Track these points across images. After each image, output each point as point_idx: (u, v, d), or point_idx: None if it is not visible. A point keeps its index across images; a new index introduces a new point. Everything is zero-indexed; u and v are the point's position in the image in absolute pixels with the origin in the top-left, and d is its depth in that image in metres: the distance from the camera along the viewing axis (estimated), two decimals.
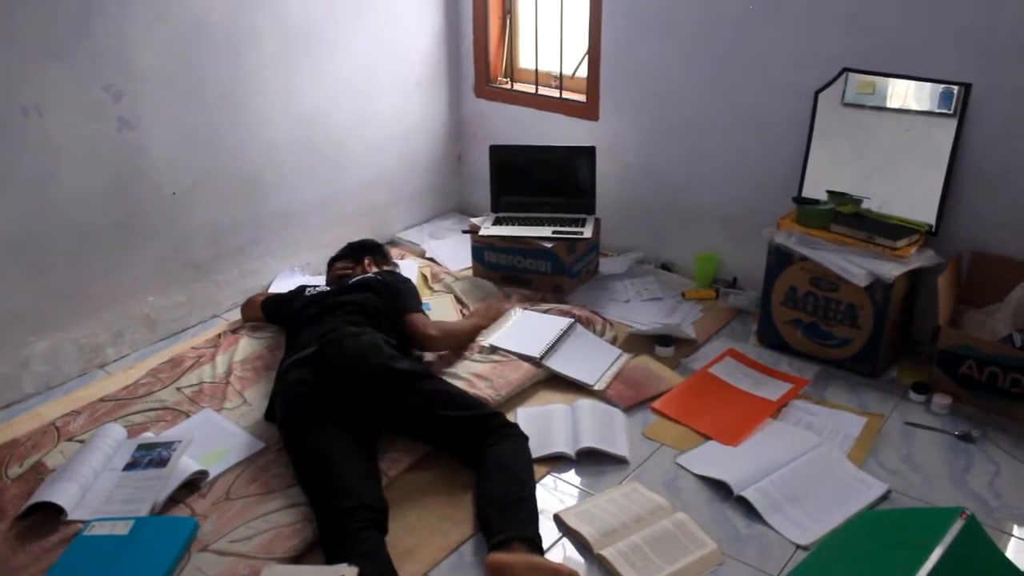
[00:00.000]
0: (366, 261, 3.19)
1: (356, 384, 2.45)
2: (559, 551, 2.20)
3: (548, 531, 2.24)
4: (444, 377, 2.73)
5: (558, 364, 2.90)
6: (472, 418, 2.44)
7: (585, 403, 2.73)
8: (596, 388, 2.82)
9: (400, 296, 2.91)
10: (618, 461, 2.51)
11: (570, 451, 2.52)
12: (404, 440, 2.52)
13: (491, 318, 3.14)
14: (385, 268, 3.23)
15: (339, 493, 2.16)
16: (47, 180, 2.79)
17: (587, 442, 2.53)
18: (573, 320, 3.10)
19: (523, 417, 2.66)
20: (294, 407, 2.43)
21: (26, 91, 2.67)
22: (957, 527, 1.73)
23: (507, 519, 2.15)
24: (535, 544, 2.11)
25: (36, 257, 2.82)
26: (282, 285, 3.47)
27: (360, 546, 2.04)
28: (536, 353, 2.90)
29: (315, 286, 3.03)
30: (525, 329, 3.07)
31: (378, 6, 3.67)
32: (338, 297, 2.81)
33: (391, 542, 2.14)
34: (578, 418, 2.64)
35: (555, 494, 2.40)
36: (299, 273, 3.63)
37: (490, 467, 2.31)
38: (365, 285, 2.89)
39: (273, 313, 3.12)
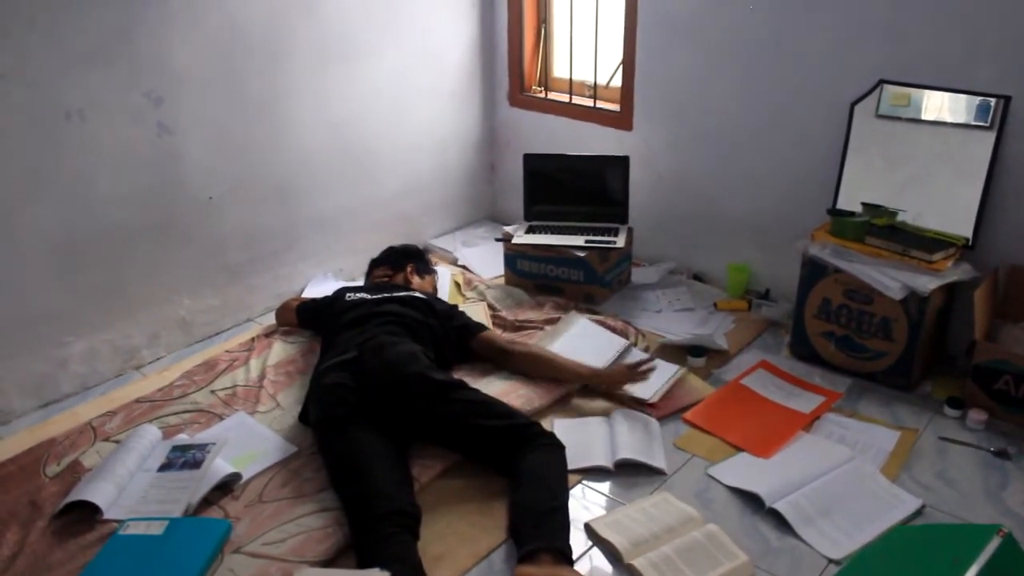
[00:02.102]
0: (408, 268, 3.21)
1: (394, 391, 2.46)
2: (588, 561, 2.20)
3: (578, 540, 2.24)
4: (477, 387, 2.73)
5: None
6: (510, 427, 2.44)
7: (621, 414, 2.72)
8: (651, 401, 2.80)
9: (460, 316, 2.99)
10: (651, 471, 2.50)
11: (608, 463, 2.51)
12: (436, 447, 2.53)
13: (600, 376, 2.86)
14: (426, 277, 3.26)
15: (374, 498, 2.17)
16: (88, 183, 2.83)
17: (625, 454, 2.52)
18: (629, 343, 3.09)
19: (560, 429, 2.65)
20: (332, 408, 2.44)
21: (70, 96, 2.72)
22: (994, 545, 1.71)
23: (538, 529, 2.15)
24: (565, 555, 2.10)
25: (75, 258, 2.87)
26: (315, 290, 3.50)
27: (393, 551, 2.05)
28: None
29: (356, 288, 3.05)
30: (584, 343, 3.06)
31: (414, 15, 3.70)
32: (378, 307, 2.82)
33: (421, 548, 2.14)
34: (615, 430, 2.63)
35: (585, 503, 2.40)
36: (332, 278, 3.66)
37: (524, 476, 2.31)
38: (406, 300, 2.89)
39: (309, 317, 3.15)
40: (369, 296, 2.92)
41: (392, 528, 2.10)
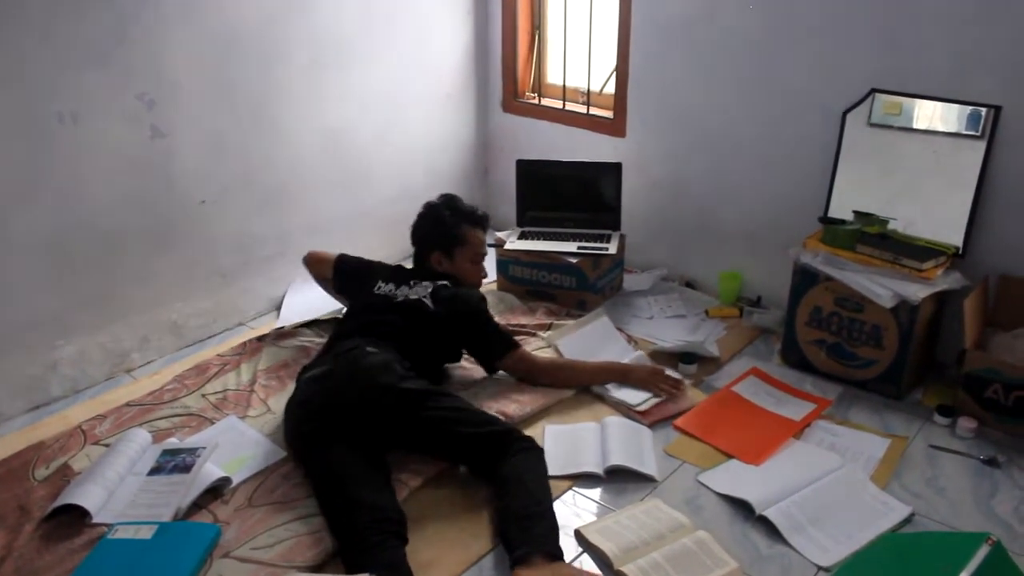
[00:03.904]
0: (433, 258, 3.04)
1: (364, 402, 2.43)
2: (579, 567, 2.19)
3: (568, 546, 2.23)
4: (469, 393, 2.72)
5: (611, 386, 2.90)
6: (486, 435, 2.43)
7: (613, 420, 2.72)
8: (639, 409, 2.79)
9: (485, 337, 2.87)
10: (641, 478, 2.50)
11: (599, 470, 2.51)
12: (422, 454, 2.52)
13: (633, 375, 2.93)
14: (456, 254, 3.05)
15: (358, 509, 2.15)
16: (80, 186, 2.83)
17: (616, 460, 2.52)
18: (640, 354, 3.10)
19: (551, 435, 2.66)
20: (303, 424, 2.44)
21: (63, 98, 2.72)
22: (983, 553, 1.72)
23: (526, 534, 2.15)
24: (556, 558, 2.11)
25: (67, 261, 2.86)
26: (296, 295, 3.54)
27: (381, 556, 2.05)
28: None
29: (392, 273, 2.99)
30: (592, 343, 3.11)
31: (408, 20, 3.71)
32: (383, 315, 2.77)
33: (410, 554, 2.14)
34: (607, 436, 2.63)
35: (576, 509, 2.40)
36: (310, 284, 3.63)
37: (506, 482, 2.31)
38: (415, 308, 2.81)
39: (342, 279, 3.10)
40: (392, 292, 2.87)
41: (378, 536, 2.09)
